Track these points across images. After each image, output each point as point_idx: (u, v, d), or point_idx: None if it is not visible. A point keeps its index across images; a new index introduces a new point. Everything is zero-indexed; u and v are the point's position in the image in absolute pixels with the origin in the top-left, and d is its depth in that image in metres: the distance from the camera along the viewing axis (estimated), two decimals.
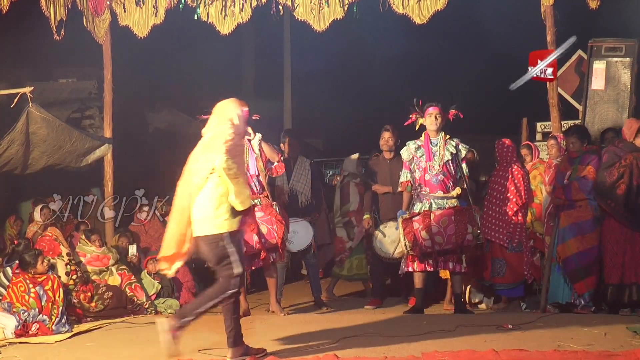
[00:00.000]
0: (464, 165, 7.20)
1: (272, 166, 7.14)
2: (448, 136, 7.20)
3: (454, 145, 7.15)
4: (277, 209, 6.96)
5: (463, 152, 7.18)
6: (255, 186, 7.02)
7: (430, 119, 7.12)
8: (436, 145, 7.13)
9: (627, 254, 6.69)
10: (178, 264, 5.31)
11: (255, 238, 6.81)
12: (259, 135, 7.05)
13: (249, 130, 6.96)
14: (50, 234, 7.75)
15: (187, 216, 5.21)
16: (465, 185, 7.16)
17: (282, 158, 7.29)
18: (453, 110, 7.18)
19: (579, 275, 6.83)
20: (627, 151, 6.74)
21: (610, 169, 6.72)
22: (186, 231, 5.23)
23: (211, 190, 5.14)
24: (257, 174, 7.03)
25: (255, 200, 6.94)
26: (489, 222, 7.54)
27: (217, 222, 5.13)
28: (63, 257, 7.53)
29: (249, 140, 7.02)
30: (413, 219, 7.01)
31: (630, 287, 6.67)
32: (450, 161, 7.11)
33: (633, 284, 6.66)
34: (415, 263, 7.10)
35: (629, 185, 6.66)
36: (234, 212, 5.16)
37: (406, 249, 7.00)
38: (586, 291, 6.82)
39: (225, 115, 5.37)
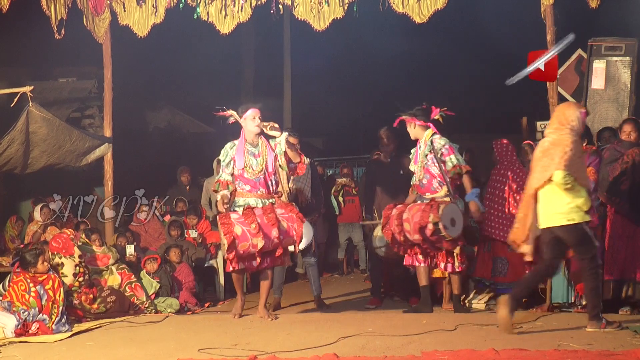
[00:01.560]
0: (446, 159, 7.00)
1: (294, 166, 6.99)
2: (431, 134, 7.09)
3: (431, 142, 7.08)
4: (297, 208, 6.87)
5: (436, 146, 7.04)
6: (272, 185, 6.89)
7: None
8: (420, 149, 7.15)
9: (629, 250, 6.71)
10: (526, 247, 5.92)
11: (275, 233, 6.63)
12: (285, 134, 6.91)
13: (276, 125, 6.85)
14: (69, 233, 7.72)
15: (532, 207, 5.84)
16: (445, 181, 7.05)
17: (303, 159, 7.11)
18: (437, 110, 7.11)
19: (581, 276, 6.82)
20: (627, 148, 6.77)
21: (613, 165, 6.75)
22: (530, 220, 5.85)
23: (560, 189, 5.70)
24: (274, 172, 6.90)
25: (270, 200, 6.82)
26: (492, 220, 7.53)
27: (570, 216, 5.72)
28: (74, 257, 7.50)
29: (266, 139, 6.87)
30: (396, 206, 7.16)
31: (628, 282, 6.69)
32: (429, 162, 7.07)
33: (631, 279, 6.68)
34: (406, 257, 7.22)
35: (632, 180, 6.69)
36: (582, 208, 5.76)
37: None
38: None
39: (566, 120, 5.80)
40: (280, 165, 6.92)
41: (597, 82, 8.37)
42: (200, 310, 8.27)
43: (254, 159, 6.80)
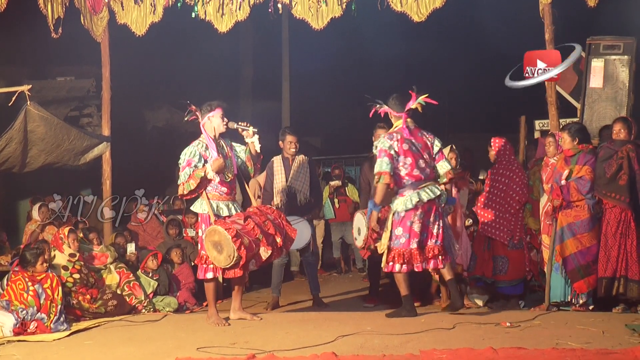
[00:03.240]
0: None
1: (255, 168, 6.90)
2: (393, 128, 6.79)
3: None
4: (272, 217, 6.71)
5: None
6: (234, 188, 6.81)
7: None
8: None
9: (622, 248, 6.74)
10: None
11: (279, 240, 6.52)
12: (257, 136, 6.77)
13: (249, 125, 6.72)
14: (59, 232, 7.70)
15: None
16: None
17: (261, 160, 6.96)
18: (415, 97, 6.68)
19: (578, 275, 6.85)
20: (620, 146, 6.80)
21: (609, 161, 6.78)
22: None
23: None
24: (237, 173, 6.78)
25: (228, 202, 6.63)
26: (490, 219, 7.51)
27: None
28: (65, 255, 7.49)
29: (222, 138, 6.76)
30: None
31: (619, 280, 6.71)
32: None
33: (622, 276, 6.71)
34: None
35: (630, 175, 6.72)
36: None
37: None
38: (587, 290, 6.86)
39: None
40: (247, 168, 6.77)
41: (596, 80, 8.37)
42: (199, 309, 8.26)
43: (226, 160, 6.63)
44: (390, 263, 6.65)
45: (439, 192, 6.67)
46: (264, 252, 6.40)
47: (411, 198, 6.56)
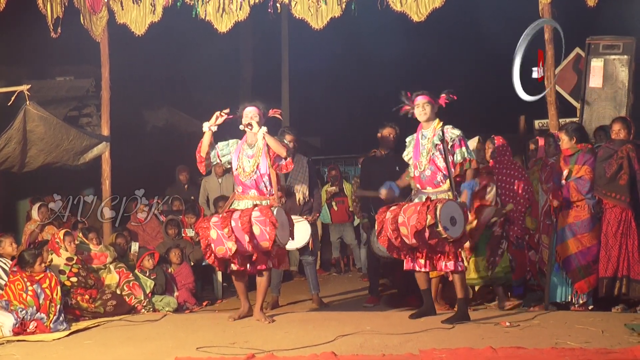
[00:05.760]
0: (457, 151, 6.44)
1: (281, 162, 6.74)
2: (441, 123, 6.54)
3: (442, 132, 6.50)
4: (275, 212, 6.53)
5: (449, 137, 6.46)
6: (266, 186, 6.74)
7: (418, 109, 6.57)
8: (426, 138, 6.58)
9: (623, 247, 6.74)
10: None
11: (247, 238, 6.45)
12: (264, 129, 6.66)
13: (251, 123, 6.64)
14: (54, 237, 7.69)
15: None
16: (449, 174, 6.48)
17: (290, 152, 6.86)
18: (443, 95, 6.60)
19: (579, 275, 6.86)
20: (619, 146, 6.81)
21: (609, 161, 6.78)
22: None
23: None
24: (267, 172, 6.73)
25: (263, 202, 6.68)
26: None
27: None
28: (62, 258, 7.49)
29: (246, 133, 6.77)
30: (390, 208, 6.53)
31: (622, 279, 6.72)
32: (437, 152, 6.49)
33: (624, 276, 6.71)
34: (406, 261, 6.59)
35: (630, 174, 6.72)
36: None
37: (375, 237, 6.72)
38: (588, 290, 6.86)
39: None
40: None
41: (595, 80, 8.39)
42: (199, 309, 8.27)
43: (248, 160, 6.70)
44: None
45: None
46: (232, 245, 6.50)
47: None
